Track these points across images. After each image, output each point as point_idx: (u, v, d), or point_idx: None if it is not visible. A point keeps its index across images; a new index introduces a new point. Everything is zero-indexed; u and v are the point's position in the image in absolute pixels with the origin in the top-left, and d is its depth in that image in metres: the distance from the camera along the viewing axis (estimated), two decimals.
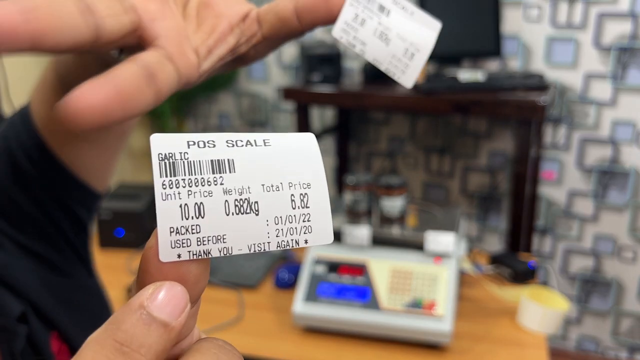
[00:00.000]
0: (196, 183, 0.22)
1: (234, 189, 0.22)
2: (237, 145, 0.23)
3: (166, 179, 0.22)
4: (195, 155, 0.22)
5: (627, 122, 2.20)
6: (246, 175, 0.23)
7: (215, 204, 0.22)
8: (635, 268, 2.32)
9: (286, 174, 0.23)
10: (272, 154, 0.23)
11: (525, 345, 1.33)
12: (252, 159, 0.23)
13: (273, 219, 0.23)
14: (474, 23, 2.17)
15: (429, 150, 2.53)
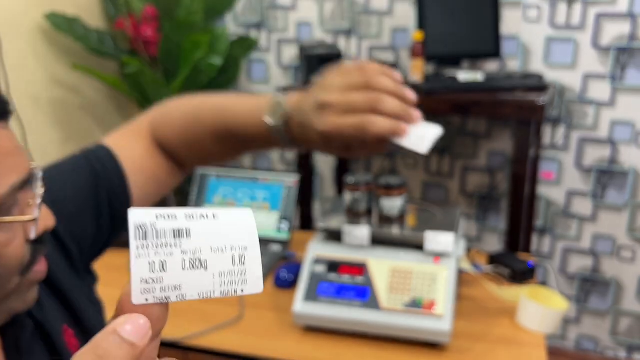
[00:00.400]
0: (161, 245, 0.29)
1: (189, 250, 0.30)
2: (193, 218, 0.30)
3: (139, 242, 0.29)
4: (162, 225, 0.29)
5: (626, 122, 2.20)
6: (199, 240, 0.30)
7: (174, 261, 0.29)
8: (634, 268, 2.33)
9: (229, 239, 0.31)
10: (220, 224, 0.31)
11: (525, 345, 1.33)
12: (204, 229, 0.30)
13: (218, 273, 0.30)
14: (473, 24, 2.17)
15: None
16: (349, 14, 2.46)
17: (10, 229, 0.58)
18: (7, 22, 2.12)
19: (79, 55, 2.46)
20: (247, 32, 2.65)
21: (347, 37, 2.50)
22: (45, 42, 2.31)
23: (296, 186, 1.83)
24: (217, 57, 2.39)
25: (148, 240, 0.29)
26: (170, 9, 2.35)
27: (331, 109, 0.72)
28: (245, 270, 0.31)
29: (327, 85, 0.76)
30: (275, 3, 2.56)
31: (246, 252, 0.31)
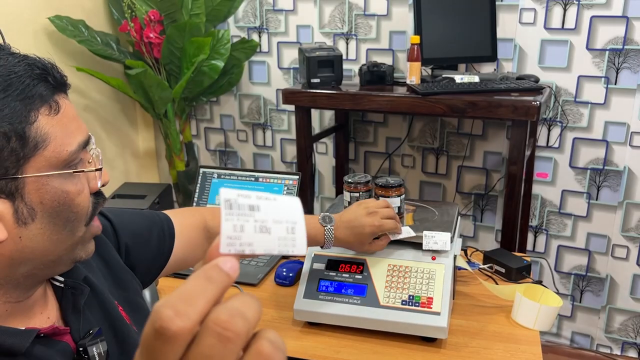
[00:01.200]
0: (240, 214, 0.41)
1: (259, 219, 0.41)
2: (261, 199, 0.42)
3: (227, 210, 0.40)
4: (241, 201, 0.41)
5: (619, 123, 2.24)
6: (265, 214, 0.41)
7: (249, 226, 0.41)
8: (627, 266, 2.36)
9: (285, 215, 0.42)
10: (279, 204, 0.42)
11: (520, 341, 1.35)
12: (269, 206, 0.42)
13: (277, 237, 0.41)
14: (470, 28, 2.21)
15: (426, 150, 2.57)
16: (348, 17, 2.50)
17: (80, 180, 0.69)
18: (12, 25, 2.15)
19: (84, 58, 2.49)
20: (248, 35, 2.68)
21: (346, 39, 2.53)
22: (50, 45, 2.34)
23: (296, 186, 1.86)
24: (219, 60, 2.42)
25: (232, 210, 0.40)
26: (174, 12, 2.38)
27: (377, 214, 1.30)
28: (295, 237, 0.42)
29: (368, 203, 1.34)
30: (275, 7, 2.59)
31: (295, 225, 0.42)
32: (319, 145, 2.75)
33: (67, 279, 0.77)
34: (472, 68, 2.36)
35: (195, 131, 2.96)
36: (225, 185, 1.91)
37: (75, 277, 0.78)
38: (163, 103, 2.44)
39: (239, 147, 2.91)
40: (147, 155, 3.02)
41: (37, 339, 0.68)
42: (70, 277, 0.78)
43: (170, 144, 2.63)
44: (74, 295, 0.76)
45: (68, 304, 0.76)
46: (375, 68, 2.19)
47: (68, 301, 0.76)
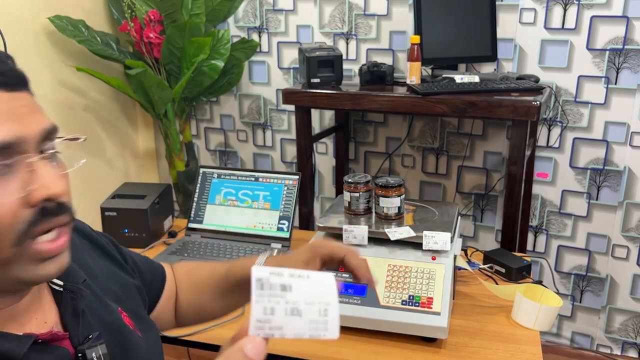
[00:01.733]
0: (272, 295, 0.39)
1: (290, 301, 0.40)
2: (293, 277, 0.40)
3: (258, 291, 0.39)
4: (273, 280, 0.40)
5: (619, 123, 2.24)
6: (297, 294, 0.40)
7: (280, 308, 0.39)
8: (627, 266, 2.36)
9: (317, 296, 0.40)
10: (311, 283, 0.41)
11: (520, 341, 1.35)
12: (301, 285, 0.40)
13: (309, 320, 0.40)
14: (470, 28, 2.21)
15: (426, 150, 2.57)
16: (348, 17, 2.50)
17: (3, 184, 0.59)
18: (13, 25, 2.15)
19: (84, 58, 2.49)
20: (248, 35, 2.68)
21: (346, 39, 2.53)
22: (50, 45, 2.34)
23: (296, 186, 1.86)
24: (219, 60, 2.42)
25: (264, 290, 0.40)
26: (174, 12, 2.38)
27: None
28: (327, 320, 0.41)
29: None
30: (275, 6, 2.59)
31: (328, 306, 0.41)
32: (319, 145, 2.75)
33: (66, 282, 0.75)
34: (472, 68, 2.36)
35: (195, 131, 2.96)
36: (225, 185, 1.91)
37: (75, 281, 0.76)
38: (163, 103, 2.44)
39: (239, 147, 2.91)
40: (147, 155, 3.02)
41: (35, 344, 0.65)
42: (70, 280, 0.76)
43: (170, 144, 2.63)
44: (73, 299, 0.74)
45: (67, 308, 0.74)
46: (375, 68, 2.19)
47: (67, 305, 0.74)
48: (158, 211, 1.92)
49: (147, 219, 1.83)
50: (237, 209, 1.89)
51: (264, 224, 1.85)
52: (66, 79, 2.44)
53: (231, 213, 1.89)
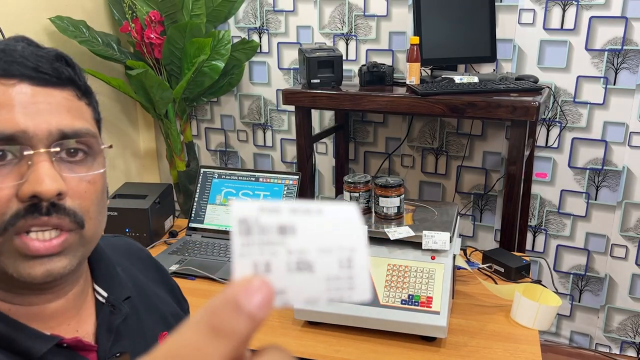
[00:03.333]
0: (265, 243, 0.26)
1: (295, 249, 0.26)
2: (298, 213, 0.27)
3: (243, 238, 0.26)
4: (265, 220, 0.26)
5: (618, 123, 2.25)
6: (305, 239, 0.26)
7: (279, 262, 0.26)
8: (626, 265, 2.37)
9: (336, 239, 0.27)
10: (326, 221, 0.27)
11: (519, 341, 1.36)
12: (310, 225, 0.26)
13: (325, 277, 0.27)
14: (469, 29, 2.21)
15: (425, 150, 2.58)
16: (347, 18, 2.51)
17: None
18: (13, 25, 2.16)
19: (85, 58, 2.50)
20: (248, 36, 2.69)
21: (346, 40, 2.54)
22: (51, 45, 2.35)
23: (296, 186, 1.87)
24: (219, 60, 2.43)
25: (252, 236, 0.26)
26: (174, 13, 2.39)
27: None
28: (352, 275, 0.27)
29: None
30: (276, 7, 2.60)
31: (353, 253, 0.27)
32: (319, 145, 2.76)
33: (109, 295, 0.74)
34: (472, 68, 2.37)
35: (195, 131, 2.97)
36: (226, 185, 1.92)
37: (119, 295, 0.75)
38: (164, 103, 2.44)
39: (240, 147, 2.92)
40: (148, 155, 3.03)
41: (58, 348, 0.64)
42: (114, 293, 0.74)
43: (171, 144, 2.64)
44: (112, 314, 0.73)
45: (104, 321, 0.72)
46: (375, 68, 2.20)
47: (104, 318, 0.72)
48: (159, 211, 1.93)
49: (148, 218, 1.84)
50: None
51: None
52: None
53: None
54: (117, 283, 0.76)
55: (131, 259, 0.86)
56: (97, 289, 0.74)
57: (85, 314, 0.71)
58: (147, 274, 0.87)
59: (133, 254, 0.88)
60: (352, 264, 0.27)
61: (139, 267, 0.85)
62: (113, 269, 0.77)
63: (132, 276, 0.81)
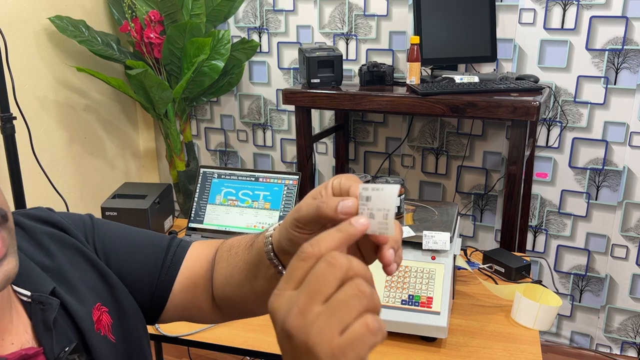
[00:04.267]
0: (362, 205, 0.53)
1: (370, 207, 0.52)
2: (373, 190, 0.52)
3: (360, 202, 0.53)
4: (363, 193, 0.53)
5: (619, 123, 2.24)
6: (372, 203, 0.52)
7: (365, 213, 0.52)
8: (627, 265, 2.37)
9: (383, 204, 0.52)
10: (381, 194, 0.52)
11: (519, 341, 1.36)
12: (375, 197, 0.52)
13: (377, 222, 0.51)
14: (470, 28, 2.21)
15: (426, 150, 2.58)
16: (347, 17, 2.50)
17: None
18: (13, 25, 2.16)
19: (84, 58, 2.49)
20: (248, 35, 2.69)
21: (346, 40, 2.54)
22: (51, 45, 2.35)
23: (296, 186, 1.87)
24: (219, 60, 2.43)
25: (360, 202, 0.53)
26: (174, 13, 2.39)
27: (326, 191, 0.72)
28: (387, 223, 0.51)
29: None
30: (275, 7, 2.60)
31: (388, 212, 0.51)
32: (319, 145, 2.75)
33: (33, 292, 0.69)
34: (472, 68, 2.37)
35: (195, 131, 2.96)
36: (225, 185, 1.92)
37: (42, 290, 0.70)
38: (163, 103, 2.44)
39: (239, 147, 2.91)
40: (148, 155, 3.03)
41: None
42: (37, 290, 0.70)
43: (171, 144, 2.64)
44: (43, 311, 0.69)
45: (38, 320, 0.68)
46: (375, 68, 2.20)
47: (38, 317, 0.68)
48: (158, 211, 1.93)
49: (148, 218, 1.84)
50: (238, 208, 1.89)
51: (264, 224, 1.85)
52: (67, 79, 2.45)
53: (231, 213, 1.89)
54: (36, 277, 0.71)
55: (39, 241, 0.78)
56: (17, 289, 0.69)
57: (17, 321, 0.68)
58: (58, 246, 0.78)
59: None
60: (388, 218, 0.51)
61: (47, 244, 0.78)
62: (27, 262, 0.72)
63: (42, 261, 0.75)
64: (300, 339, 0.45)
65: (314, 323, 0.45)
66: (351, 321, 0.46)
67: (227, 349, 1.38)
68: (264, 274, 0.73)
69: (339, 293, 0.46)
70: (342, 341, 0.45)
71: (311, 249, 0.48)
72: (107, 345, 0.75)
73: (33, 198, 2.16)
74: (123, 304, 0.80)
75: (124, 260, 0.83)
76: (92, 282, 0.77)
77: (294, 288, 0.48)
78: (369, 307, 0.47)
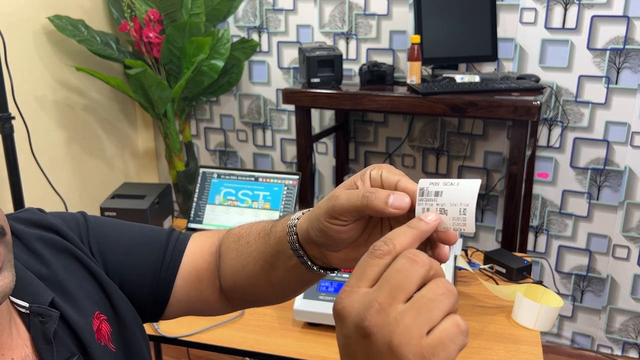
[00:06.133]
0: (428, 200, 0.51)
1: (440, 203, 0.51)
2: (446, 185, 0.51)
3: (419, 197, 0.52)
4: (431, 188, 0.51)
5: (620, 123, 2.24)
6: (445, 198, 0.50)
7: (433, 208, 0.51)
8: (628, 266, 2.36)
9: (460, 199, 0.50)
10: (458, 189, 0.50)
11: (521, 342, 1.35)
12: (449, 191, 0.51)
13: (452, 217, 0.50)
14: (471, 28, 2.20)
15: (426, 150, 2.57)
16: (348, 16, 2.50)
17: None
18: (12, 25, 2.15)
19: (83, 57, 2.49)
20: (248, 35, 2.68)
21: (346, 39, 2.53)
22: (50, 44, 2.34)
23: (296, 186, 1.86)
24: (219, 59, 2.42)
25: (423, 196, 0.51)
26: (173, 12, 2.38)
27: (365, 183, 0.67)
28: (466, 218, 0.49)
29: None
30: (275, 6, 2.59)
31: (467, 207, 0.49)
32: (319, 145, 2.75)
33: (31, 303, 0.67)
34: (473, 68, 2.36)
35: (195, 131, 2.96)
36: (225, 185, 1.91)
37: (41, 301, 0.68)
38: (163, 103, 2.43)
39: (239, 147, 2.91)
40: (147, 155, 3.02)
41: None
42: (35, 301, 0.67)
43: (170, 144, 2.63)
44: (43, 324, 0.67)
45: (38, 333, 0.66)
46: (376, 68, 2.19)
47: (37, 330, 0.66)
48: (158, 211, 1.92)
49: (147, 219, 1.83)
50: (237, 209, 1.88)
51: None
52: (66, 78, 2.44)
53: (231, 213, 1.89)
54: (34, 287, 0.69)
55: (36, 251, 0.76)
56: (15, 300, 0.67)
57: (16, 334, 0.65)
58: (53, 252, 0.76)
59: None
60: (466, 213, 0.49)
61: (41, 251, 0.75)
62: (24, 272, 0.69)
63: (39, 270, 0.73)
64: (383, 338, 0.43)
65: (399, 321, 0.43)
66: (438, 320, 0.44)
67: (226, 350, 1.38)
68: (283, 264, 0.70)
69: (425, 291, 0.44)
70: (432, 341, 0.43)
71: (386, 246, 0.47)
72: (108, 355, 0.73)
73: (32, 198, 2.15)
74: (121, 311, 0.78)
75: (121, 259, 0.80)
76: (90, 289, 0.75)
77: (368, 286, 0.46)
78: (455, 307, 0.45)
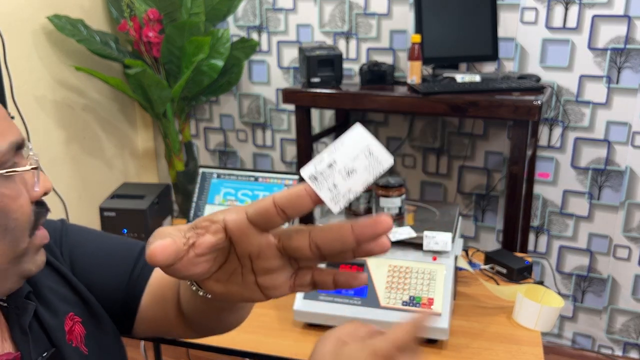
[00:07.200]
0: (326, 177, 0.46)
1: (340, 168, 0.46)
2: (332, 152, 0.47)
3: (314, 184, 0.46)
4: (319, 167, 0.46)
5: (621, 122, 2.23)
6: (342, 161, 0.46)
7: (337, 178, 0.46)
8: (629, 266, 2.36)
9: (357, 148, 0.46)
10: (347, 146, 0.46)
11: (521, 342, 1.35)
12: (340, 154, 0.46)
13: (363, 168, 0.46)
14: (471, 27, 2.20)
15: (427, 150, 2.56)
16: (348, 16, 2.49)
17: (16, 184, 0.63)
18: (11, 24, 2.14)
19: (83, 57, 2.48)
20: (248, 34, 2.67)
21: (346, 38, 2.52)
22: (49, 44, 2.33)
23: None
24: (218, 59, 2.42)
25: (319, 179, 0.46)
26: (173, 11, 2.38)
27: None
28: (376, 157, 0.46)
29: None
30: (275, 6, 2.58)
31: (369, 147, 0.46)
32: (319, 145, 2.74)
33: (8, 297, 0.69)
34: (473, 67, 2.35)
35: (194, 131, 2.95)
36: (225, 185, 1.91)
37: (18, 294, 0.70)
38: (162, 103, 2.43)
39: (239, 147, 2.90)
40: (146, 155, 3.01)
41: None
42: (12, 294, 0.70)
43: (170, 143, 2.62)
44: (19, 316, 0.69)
45: (15, 325, 0.68)
46: (376, 67, 2.18)
47: (14, 322, 0.69)
48: (157, 211, 1.91)
49: (146, 219, 1.82)
50: None
51: None
52: (65, 78, 2.44)
53: None
54: None
55: None
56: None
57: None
58: None
59: None
60: (372, 151, 0.46)
61: None
62: None
63: None
64: None
65: None
66: None
67: (226, 351, 1.37)
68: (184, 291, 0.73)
69: None
70: None
71: None
72: (78, 356, 0.74)
73: None
74: (97, 315, 0.80)
75: (88, 269, 0.81)
76: (64, 293, 0.77)
77: None
78: None
